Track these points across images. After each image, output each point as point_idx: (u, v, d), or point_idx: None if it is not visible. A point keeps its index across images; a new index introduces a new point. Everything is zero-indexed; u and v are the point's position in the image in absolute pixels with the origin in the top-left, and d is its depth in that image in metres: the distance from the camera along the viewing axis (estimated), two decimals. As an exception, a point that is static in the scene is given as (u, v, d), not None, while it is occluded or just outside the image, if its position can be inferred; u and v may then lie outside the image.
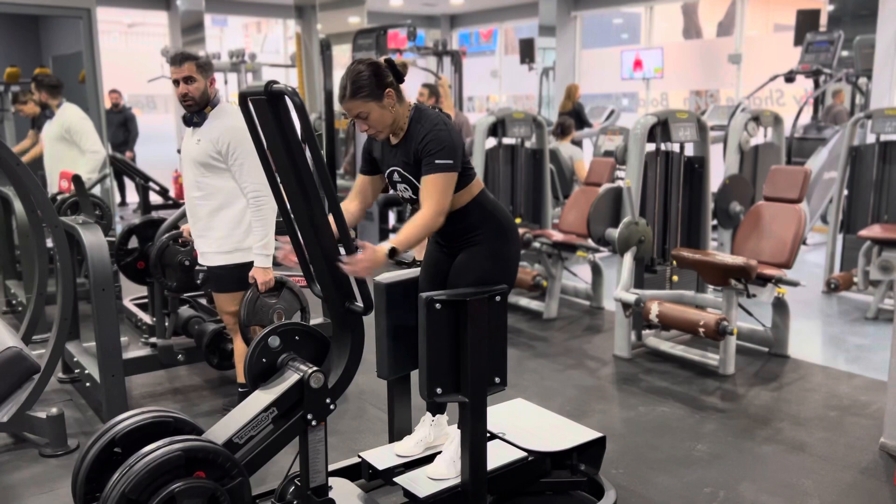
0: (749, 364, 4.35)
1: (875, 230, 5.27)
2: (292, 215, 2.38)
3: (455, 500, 2.52)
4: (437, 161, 2.38)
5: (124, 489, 2.01)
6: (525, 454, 2.72)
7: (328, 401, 2.34)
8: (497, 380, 2.50)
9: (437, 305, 2.38)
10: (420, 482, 2.56)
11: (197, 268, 3.41)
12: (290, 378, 2.32)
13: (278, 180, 2.34)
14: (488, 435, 2.62)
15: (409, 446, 2.77)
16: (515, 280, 2.64)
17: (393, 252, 2.29)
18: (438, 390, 2.44)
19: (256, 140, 2.33)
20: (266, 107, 2.14)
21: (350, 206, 2.63)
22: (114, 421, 2.30)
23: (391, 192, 2.68)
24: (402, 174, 2.52)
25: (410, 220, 2.39)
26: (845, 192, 6.00)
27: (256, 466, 2.29)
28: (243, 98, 2.24)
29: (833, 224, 5.97)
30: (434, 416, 2.81)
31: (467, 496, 2.50)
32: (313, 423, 2.33)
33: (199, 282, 3.39)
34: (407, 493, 2.56)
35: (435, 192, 2.38)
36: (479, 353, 2.42)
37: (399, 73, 2.46)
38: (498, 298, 2.45)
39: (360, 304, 2.34)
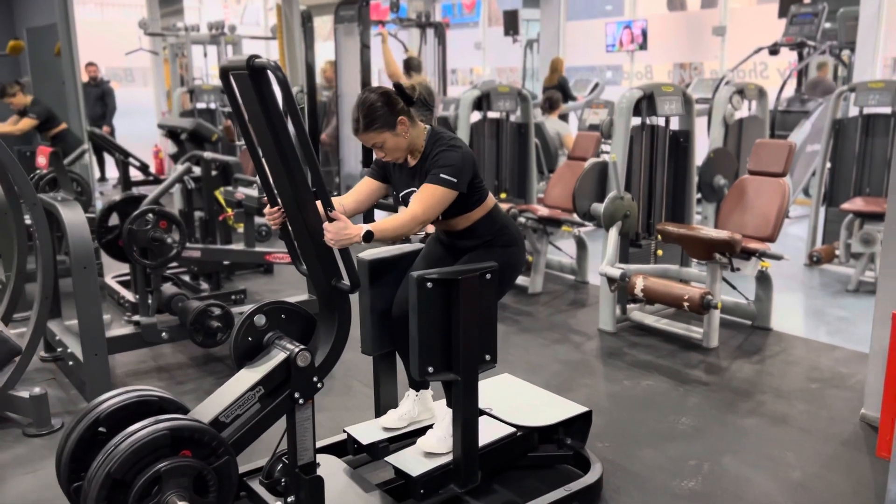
0: (732, 337, 4.39)
1: (857, 203, 5.30)
2: (276, 191, 2.35)
3: (447, 478, 2.53)
4: (441, 175, 2.44)
5: (109, 469, 2.00)
6: (513, 430, 2.73)
7: (315, 379, 2.33)
8: (487, 357, 2.50)
9: (429, 284, 2.37)
10: (411, 461, 2.57)
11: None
12: (277, 356, 2.30)
13: (261, 156, 2.31)
14: (475, 411, 2.62)
15: (392, 420, 2.82)
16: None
17: (368, 236, 2.31)
18: (430, 369, 2.43)
19: (238, 116, 2.28)
20: (248, 82, 2.10)
21: (344, 201, 2.62)
22: (98, 400, 2.27)
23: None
24: None
25: (392, 217, 2.44)
26: (828, 165, 6.02)
27: (243, 445, 2.29)
28: (224, 73, 2.20)
29: (816, 197, 6.00)
30: (417, 391, 2.86)
31: (460, 473, 2.51)
32: (301, 401, 2.32)
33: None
34: (398, 472, 2.57)
35: (426, 201, 2.43)
36: (470, 331, 2.41)
37: (409, 97, 2.51)
38: (488, 276, 2.44)
39: (346, 282, 2.32)
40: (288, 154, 2.17)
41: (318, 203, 2.23)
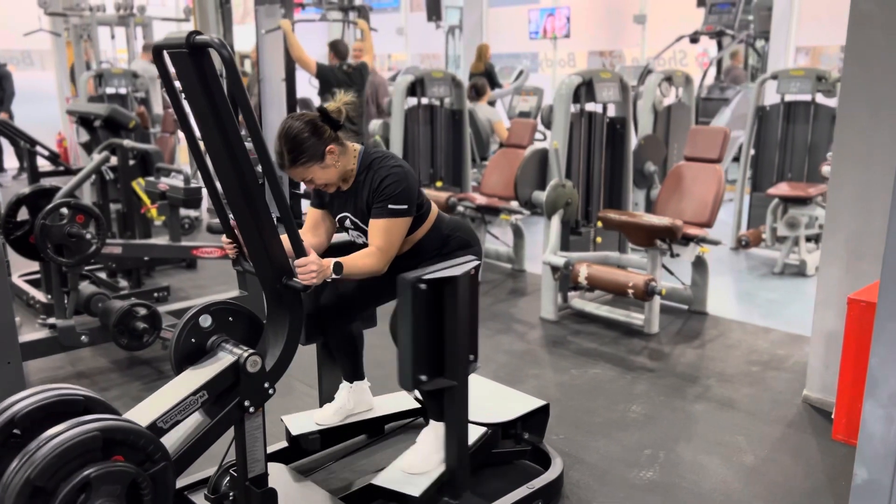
0: (671, 322, 4.43)
1: (782, 188, 5.45)
2: (218, 184, 2.16)
3: (440, 491, 2.41)
4: (390, 206, 2.32)
5: (29, 475, 1.70)
6: (486, 429, 2.64)
7: (266, 385, 2.17)
8: (472, 357, 2.37)
9: (423, 286, 2.18)
10: (404, 482, 2.40)
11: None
12: (224, 360, 2.12)
13: (202, 148, 2.11)
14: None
15: (327, 415, 2.79)
16: None
17: (339, 269, 2.20)
18: (423, 377, 2.24)
19: (175, 102, 2.08)
20: (188, 62, 1.90)
21: (308, 241, 2.47)
22: (11, 400, 1.92)
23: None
24: (354, 221, 2.47)
25: (362, 253, 2.32)
26: (752, 151, 6.18)
27: (189, 460, 2.10)
28: (158, 51, 1.98)
29: (741, 182, 6.15)
30: (352, 383, 2.82)
31: (455, 483, 2.38)
32: (251, 409, 2.15)
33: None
34: (391, 495, 2.40)
35: (385, 238, 2.33)
36: (462, 332, 2.26)
37: (335, 122, 2.33)
38: (473, 272, 2.32)
39: (298, 280, 2.15)
40: (234, 144, 1.98)
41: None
